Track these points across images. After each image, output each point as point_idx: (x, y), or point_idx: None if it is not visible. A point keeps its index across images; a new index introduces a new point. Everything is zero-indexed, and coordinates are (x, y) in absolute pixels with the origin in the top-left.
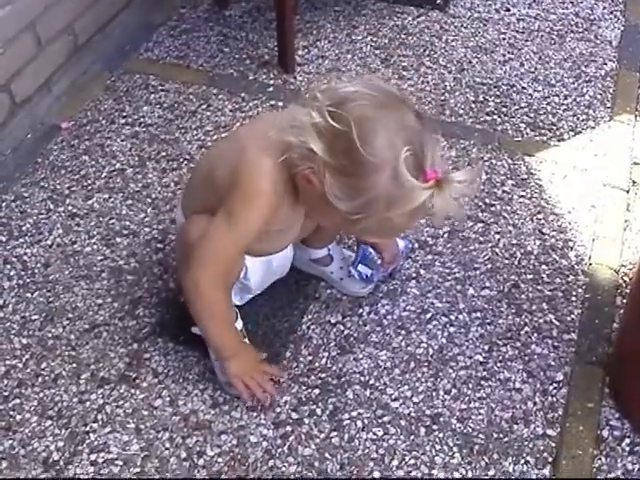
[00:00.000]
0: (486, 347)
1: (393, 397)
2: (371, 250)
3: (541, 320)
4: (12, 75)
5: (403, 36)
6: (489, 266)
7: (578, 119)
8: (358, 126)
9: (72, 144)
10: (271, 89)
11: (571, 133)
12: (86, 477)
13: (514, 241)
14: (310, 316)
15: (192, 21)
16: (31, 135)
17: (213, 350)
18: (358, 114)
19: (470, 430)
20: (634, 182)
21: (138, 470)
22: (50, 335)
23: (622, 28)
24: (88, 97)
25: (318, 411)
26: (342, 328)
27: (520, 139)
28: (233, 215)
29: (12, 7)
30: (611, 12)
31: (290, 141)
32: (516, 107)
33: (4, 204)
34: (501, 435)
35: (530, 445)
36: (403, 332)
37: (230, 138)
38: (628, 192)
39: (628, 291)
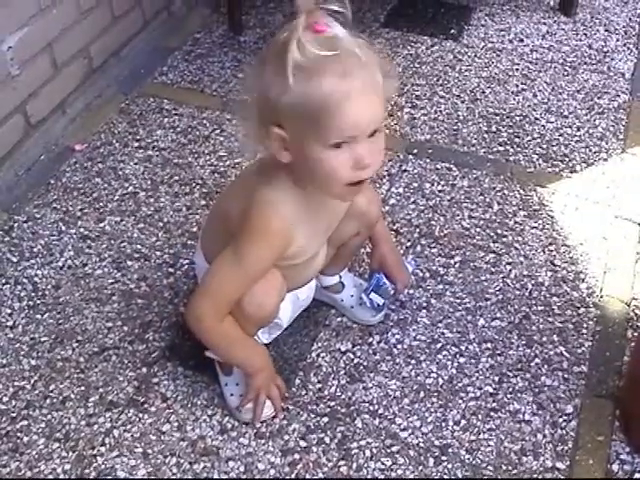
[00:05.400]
0: (496, 378)
1: (402, 427)
2: (385, 280)
3: (551, 352)
4: (28, 96)
5: (417, 65)
6: (500, 297)
7: (590, 151)
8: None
9: (85, 166)
10: None
11: (583, 165)
12: None
13: (525, 272)
14: (320, 344)
15: (207, 46)
16: (45, 156)
17: (239, 368)
18: None
19: (479, 462)
20: None
21: None
22: (59, 357)
23: (635, 60)
24: (102, 120)
25: (326, 439)
26: (352, 356)
27: (532, 170)
28: (240, 251)
29: (29, 29)
30: (624, 44)
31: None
32: (529, 138)
33: (16, 225)
34: (510, 467)
35: (539, 478)
36: (413, 362)
37: (243, 175)
38: None
39: (639, 324)
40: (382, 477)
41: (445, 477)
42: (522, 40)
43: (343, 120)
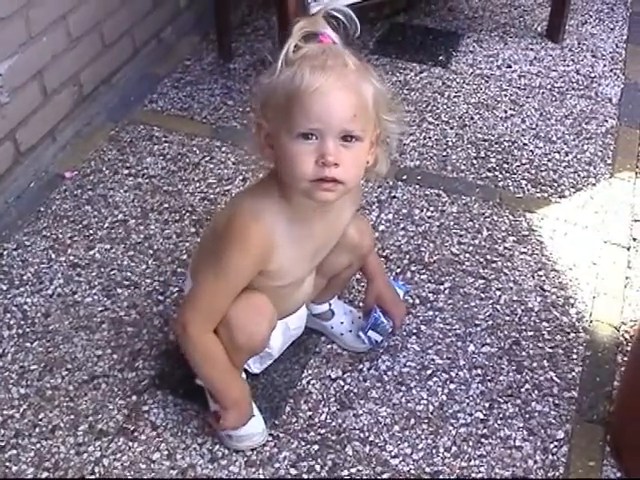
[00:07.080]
0: (486, 404)
1: (393, 454)
2: (382, 318)
3: (542, 377)
4: (17, 124)
5: (406, 91)
6: (490, 323)
7: (579, 176)
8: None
9: (75, 194)
10: None
11: (572, 190)
12: None
13: (515, 298)
14: (310, 371)
15: (197, 73)
16: (34, 184)
17: (215, 398)
18: None
19: None
20: (635, 239)
21: None
22: (49, 385)
23: (622, 86)
24: (92, 147)
25: (317, 467)
26: (342, 383)
27: (521, 195)
28: (220, 259)
29: (20, 57)
30: (611, 70)
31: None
32: (517, 163)
33: (6, 252)
34: None
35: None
36: (403, 388)
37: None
38: (629, 249)
39: (629, 349)
40: None
41: None
42: (510, 66)
43: (308, 109)
